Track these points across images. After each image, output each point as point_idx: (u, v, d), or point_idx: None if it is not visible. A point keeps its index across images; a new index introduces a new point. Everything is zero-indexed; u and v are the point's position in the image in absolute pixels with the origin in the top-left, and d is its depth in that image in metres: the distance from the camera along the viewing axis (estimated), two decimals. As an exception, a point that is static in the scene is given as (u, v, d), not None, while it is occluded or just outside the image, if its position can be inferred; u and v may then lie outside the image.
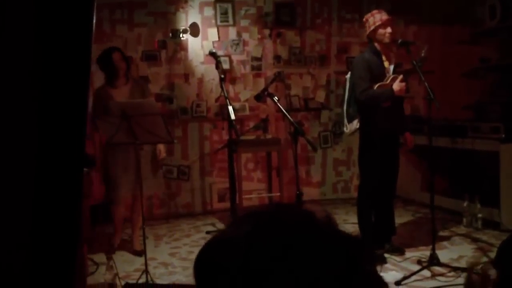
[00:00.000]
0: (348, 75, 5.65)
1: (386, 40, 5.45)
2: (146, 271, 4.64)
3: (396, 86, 5.30)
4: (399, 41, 5.50)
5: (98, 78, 6.09)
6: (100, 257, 5.51)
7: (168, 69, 7.66)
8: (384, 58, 5.50)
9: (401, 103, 5.63)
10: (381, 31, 5.39)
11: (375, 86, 5.37)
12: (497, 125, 6.36)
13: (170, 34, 7.66)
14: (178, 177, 7.86)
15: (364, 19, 5.53)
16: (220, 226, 7.08)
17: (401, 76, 5.36)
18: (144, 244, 4.75)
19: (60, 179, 1.40)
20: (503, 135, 6.20)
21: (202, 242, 4.44)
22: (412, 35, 8.40)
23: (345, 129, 5.67)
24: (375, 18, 5.39)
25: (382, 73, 5.46)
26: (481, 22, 7.81)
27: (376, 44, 5.47)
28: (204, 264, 0.94)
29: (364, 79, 5.36)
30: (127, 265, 5.51)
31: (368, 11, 5.60)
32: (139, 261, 5.51)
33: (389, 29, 5.40)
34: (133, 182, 5.63)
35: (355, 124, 5.56)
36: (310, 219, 0.94)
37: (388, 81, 5.40)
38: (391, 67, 5.53)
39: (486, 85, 8.18)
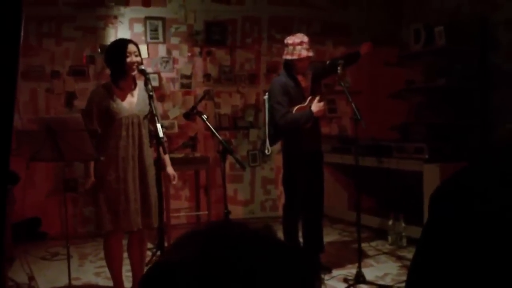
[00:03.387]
0: (266, 97, 5.64)
1: (304, 70, 5.49)
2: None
3: (315, 107, 5.35)
4: (328, 62, 5.58)
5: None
6: (22, 277, 5.33)
7: (96, 84, 7.44)
8: (300, 79, 5.54)
9: (318, 122, 5.68)
10: (301, 62, 5.40)
11: (294, 109, 5.41)
12: (421, 145, 6.52)
13: (99, 50, 7.55)
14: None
15: (290, 42, 5.40)
16: (148, 245, 6.98)
17: (318, 97, 5.42)
18: (68, 263, 4.59)
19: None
20: (427, 156, 6.36)
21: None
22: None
23: (266, 151, 5.65)
24: (302, 49, 5.32)
25: (301, 95, 5.49)
26: (407, 45, 8.03)
27: (293, 68, 5.49)
28: None
29: (282, 104, 5.37)
30: (50, 285, 5.36)
31: (298, 32, 5.63)
32: (62, 281, 5.35)
33: (311, 53, 5.43)
34: (139, 206, 4.61)
35: (278, 145, 5.60)
36: (255, 234, 0.91)
37: (307, 103, 5.44)
38: (309, 87, 5.58)
39: (411, 107, 8.39)
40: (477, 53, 6.99)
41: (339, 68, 5.30)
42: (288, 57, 5.37)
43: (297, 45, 5.35)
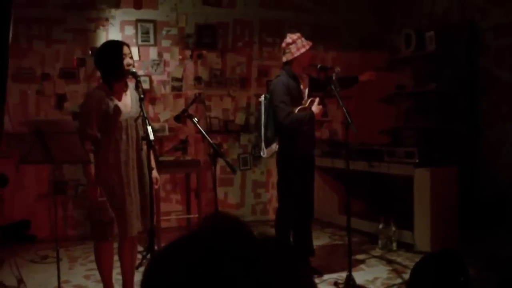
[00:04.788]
0: (262, 98, 5.64)
1: (307, 64, 5.54)
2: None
3: (315, 109, 5.39)
4: (318, 66, 5.60)
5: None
6: (11, 280, 5.31)
7: (86, 87, 7.48)
8: (300, 80, 5.57)
9: (313, 124, 5.71)
10: (305, 55, 5.46)
11: (296, 110, 5.43)
12: (411, 150, 6.54)
13: (90, 52, 7.52)
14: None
15: (290, 40, 5.45)
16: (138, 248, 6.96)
17: (317, 99, 5.45)
18: (58, 266, 4.57)
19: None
20: (417, 160, 6.38)
21: (119, 265, 4.29)
22: (331, 60, 8.57)
23: (262, 153, 5.63)
24: (303, 42, 5.43)
25: (300, 96, 5.53)
26: (397, 50, 8.05)
27: (293, 68, 5.53)
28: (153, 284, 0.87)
29: (286, 103, 5.38)
30: (39, 288, 5.34)
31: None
32: (52, 284, 5.32)
33: (310, 53, 5.51)
34: (139, 209, 4.58)
35: (274, 147, 5.58)
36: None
37: (307, 104, 5.47)
38: (306, 90, 5.62)
39: (402, 111, 8.41)
40: (466, 58, 7.01)
41: (334, 75, 5.34)
42: (302, 50, 5.39)
43: (297, 39, 5.43)
